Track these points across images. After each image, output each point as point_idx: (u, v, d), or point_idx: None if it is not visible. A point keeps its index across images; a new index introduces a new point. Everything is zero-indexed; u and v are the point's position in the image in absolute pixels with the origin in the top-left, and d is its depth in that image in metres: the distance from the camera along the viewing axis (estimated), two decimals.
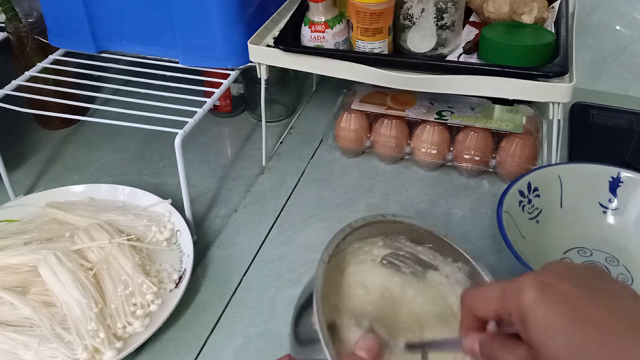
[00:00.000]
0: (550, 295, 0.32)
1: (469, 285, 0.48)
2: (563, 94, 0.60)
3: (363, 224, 0.47)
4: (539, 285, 0.32)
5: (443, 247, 0.49)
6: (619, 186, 0.64)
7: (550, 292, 0.32)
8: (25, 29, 0.78)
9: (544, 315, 0.31)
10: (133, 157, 0.81)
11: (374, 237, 0.49)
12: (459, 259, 0.48)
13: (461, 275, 0.48)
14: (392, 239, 0.50)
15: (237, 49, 0.71)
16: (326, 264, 0.42)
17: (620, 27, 0.87)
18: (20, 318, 0.55)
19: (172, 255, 0.63)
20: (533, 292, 0.32)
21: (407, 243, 0.50)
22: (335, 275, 0.48)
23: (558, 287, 0.32)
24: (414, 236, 0.49)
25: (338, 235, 0.45)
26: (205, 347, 0.56)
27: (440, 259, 0.49)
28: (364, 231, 0.48)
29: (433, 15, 0.65)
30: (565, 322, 0.31)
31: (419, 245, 0.50)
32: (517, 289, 0.33)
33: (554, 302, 0.32)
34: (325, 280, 0.43)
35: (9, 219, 0.66)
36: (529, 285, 0.33)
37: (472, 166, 0.73)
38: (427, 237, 0.49)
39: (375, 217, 0.48)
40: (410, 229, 0.49)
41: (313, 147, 0.82)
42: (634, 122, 0.83)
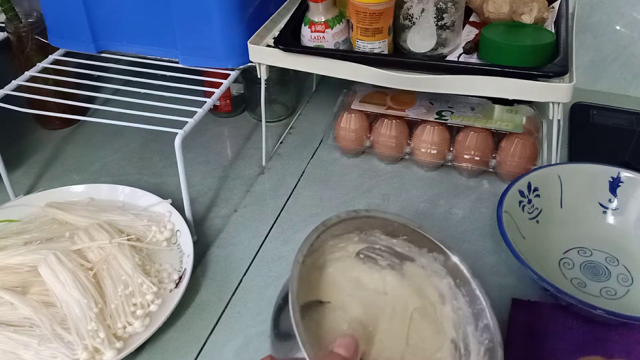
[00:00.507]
0: None
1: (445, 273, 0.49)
2: (563, 94, 0.60)
3: (337, 222, 0.48)
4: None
5: (418, 238, 0.50)
6: (619, 186, 0.64)
7: None
8: (25, 29, 0.78)
9: None
10: (133, 157, 0.81)
11: (349, 233, 0.50)
12: (434, 249, 0.50)
13: (437, 265, 0.50)
14: (367, 233, 0.50)
15: (237, 49, 0.71)
16: (301, 264, 0.43)
17: (620, 27, 0.87)
18: (20, 318, 0.55)
19: (172, 255, 0.63)
20: None
21: (382, 237, 0.51)
22: (314, 273, 0.48)
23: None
24: (388, 229, 0.50)
25: (312, 235, 0.46)
26: (205, 347, 0.56)
27: (415, 250, 0.51)
28: (338, 228, 0.48)
29: (433, 15, 0.65)
30: None
31: (394, 237, 0.51)
32: None
33: None
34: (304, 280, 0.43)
35: (9, 219, 0.66)
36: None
37: (472, 166, 0.73)
38: (401, 230, 0.50)
39: (348, 214, 0.48)
40: (384, 223, 0.50)
41: (313, 147, 0.82)
42: (634, 122, 0.83)
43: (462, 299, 0.48)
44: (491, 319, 0.46)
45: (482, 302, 0.47)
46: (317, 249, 0.48)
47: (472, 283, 0.48)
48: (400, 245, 0.51)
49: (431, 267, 0.50)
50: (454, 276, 0.49)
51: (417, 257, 0.50)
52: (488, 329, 0.45)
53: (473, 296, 0.47)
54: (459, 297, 0.49)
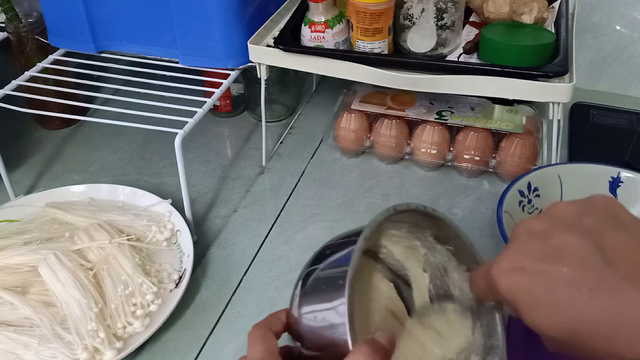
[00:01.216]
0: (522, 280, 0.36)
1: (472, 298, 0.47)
2: (563, 94, 0.60)
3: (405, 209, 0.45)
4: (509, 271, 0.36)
5: (464, 253, 0.48)
6: (619, 186, 0.64)
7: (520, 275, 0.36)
8: (25, 29, 0.78)
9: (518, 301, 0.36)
10: (133, 157, 0.81)
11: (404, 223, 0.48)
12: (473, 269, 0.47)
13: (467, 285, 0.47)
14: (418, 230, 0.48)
15: (237, 49, 0.71)
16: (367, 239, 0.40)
17: (620, 27, 0.87)
18: (20, 318, 0.55)
19: (172, 255, 0.63)
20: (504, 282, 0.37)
21: (430, 238, 0.48)
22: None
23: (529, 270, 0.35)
24: (440, 235, 0.48)
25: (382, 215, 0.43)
26: (205, 347, 0.56)
27: (454, 263, 0.48)
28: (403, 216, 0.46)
29: (433, 15, 0.65)
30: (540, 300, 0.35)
31: (439, 244, 0.48)
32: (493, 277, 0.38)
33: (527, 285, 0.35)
34: None
35: (9, 219, 0.66)
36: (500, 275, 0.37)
37: (472, 166, 0.73)
38: (452, 240, 0.48)
39: (417, 206, 0.45)
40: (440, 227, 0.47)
41: (313, 147, 0.82)
42: (634, 122, 0.83)
43: (479, 329, 0.46)
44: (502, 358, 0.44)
45: (499, 339, 0.45)
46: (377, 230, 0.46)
47: (497, 316, 0.46)
48: (442, 253, 0.48)
49: (461, 285, 0.48)
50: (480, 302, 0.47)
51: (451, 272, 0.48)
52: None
53: (493, 329, 0.45)
54: (477, 325, 0.46)
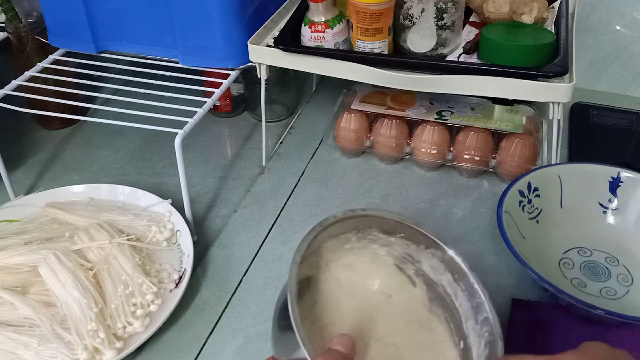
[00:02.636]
0: None
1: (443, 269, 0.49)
2: (563, 94, 0.60)
3: (334, 221, 0.48)
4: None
5: (415, 235, 0.50)
6: (619, 186, 0.64)
7: None
8: (25, 29, 0.78)
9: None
10: (133, 157, 0.81)
11: (347, 233, 0.50)
12: (431, 245, 0.50)
13: (435, 260, 0.50)
14: (365, 232, 0.51)
15: (237, 49, 0.71)
16: (298, 264, 0.43)
17: (620, 27, 0.87)
18: (20, 318, 0.55)
19: (172, 255, 0.63)
20: None
21: (379, 235, 0.51)
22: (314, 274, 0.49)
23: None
24: (385, 228, 0.50)
25: (309, 236, 0.46)
26: (205, 347, 0.56)
27: (413, 247, 0.51)
28: (336, 228, 0.48)
29: (433, 15, 0.65)
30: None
31: (391, 236, 0.51)
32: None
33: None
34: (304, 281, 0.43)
35: (9, 219, 0.66)
36: None
37: (472, 166, 0.73)
38: (398, 228, 0.50)
39: (345, 213, 0.49)
40: (381, 221, 0.50)
41: (313, 147, 0.82)
42: (634, 122, 0.83)
43: (462, 294, 0.49)
44: (490, 312, 0.46)
45: (481, 295, 0.47)
46: (315, 250, 0.48)
47: (470, 277, 0.48)
48: (399, 244, 0.51)
49: (429, 262, 0.50)
50: (452, 271, 0.49)
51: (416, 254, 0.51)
52: (487, 321, 0.46)
53: (472, 290, 0.48)
54: (458, 291, 0.49)
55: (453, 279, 0.49)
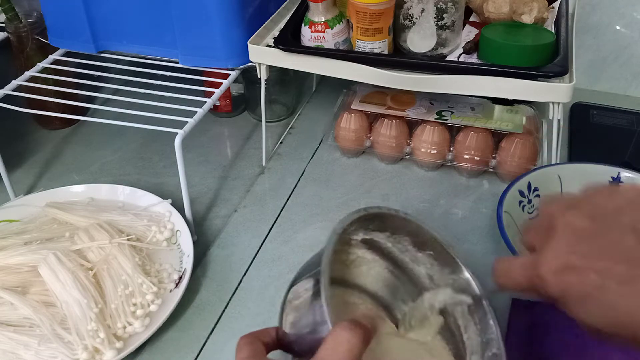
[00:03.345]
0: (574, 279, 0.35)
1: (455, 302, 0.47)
2: (563, 94, 0.60)
3: (377, 213, 0.46)
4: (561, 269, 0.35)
5: (443, 256, 0.48)
6: None
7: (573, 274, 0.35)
8: (25, 29, 0.78)
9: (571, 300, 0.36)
10: (133, 157, 0.81)
11: (381, 232, 0.48)
12: (456, 271, 0.48)
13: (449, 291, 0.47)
14: (397, 238, 0.49)
15: (237, 49, 0.71)
16: (339, 234, 0.41)
17: (620, 27, 0.87)
18: (20, 318, 0.55)
19: (172, 255, 0.63)
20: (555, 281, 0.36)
21: (409, 247, 0.49)
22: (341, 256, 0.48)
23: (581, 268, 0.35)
24: (418, 240, 0.49)
25: (354, 214, 0.44)
26: (205, 347, 0.56)
27: (437, 268, 0.49)
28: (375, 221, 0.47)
29: (433, 15, 0.65)
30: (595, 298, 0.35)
31: (419, 251, 0.49)
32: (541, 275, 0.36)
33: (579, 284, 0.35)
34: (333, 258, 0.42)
35: (9, 219, 0.66)
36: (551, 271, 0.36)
37: (472, 166, 0.73)
38: (430, 244, 0.48)
39: (389, 210, 0.47)
40: (416, 232, 0.48)
41: (313, 147, 0.82)
42: (634, 122, 0.83)
43: (473, 327, 0.47)
44: (500, 348, 0.44)
45: (494, 332, 0.45)
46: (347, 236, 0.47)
47: (488, 313, 0.46)
48: (423, 261, 0.49)
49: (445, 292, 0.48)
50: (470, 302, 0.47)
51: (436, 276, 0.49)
52: (496, 358, 0.44)
53: (485, 325, 0.46)
54: (470, 324, 0.47)
55: (468, 311, 0.47)
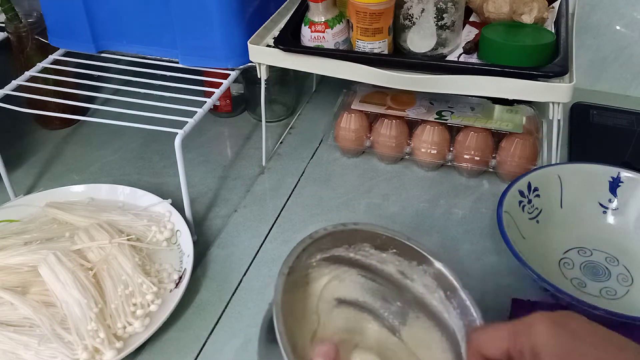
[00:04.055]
0: (562, 330, 0.35)
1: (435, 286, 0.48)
2: (563, 94, 0.60)
3: (324, 234, 0.47)
4: (551, 320, 0.35)
5: (407, 251, 0.49)
6: (619, 186, 0.64)
7: (562, 327, 0.35)
8: (25, 29, 0.78)
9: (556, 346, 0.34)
10: (133, 157, 0.81)
11: (337, 247, 0.49)
12: (423, 261, 0.48)
13: (427, 277, 0.49)
14: (356, 247, 0.49)
15: (237, 49, 0.71)
16: (286, 275, 0.42)
17: (620, 27, 0.87)
18: (20, 318, 0.55)
19: (172, 255, 0.63)
20: (545, 327, 0.35)
21: (371, 250, 0.50)
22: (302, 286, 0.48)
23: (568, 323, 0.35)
24: (377, 243, 0.49)
25: (298, 247, 0.45)
26: (205, 347, 0.56)
27: (405, 263, 0.49)
28: (326, 241, 0.47)
29: (433, 15, 0.65)
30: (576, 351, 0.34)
31: (383, 252, 0.50)
32: (528, 326, 0.36)
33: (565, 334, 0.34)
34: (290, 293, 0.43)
35: (9, 219, 0.66)
36: (541, 321, 0.35)
37: (472, 166, 0.73)
38: (390, 243, 0.49)
39: (336, 227, 0.47)
40: (372, 236, 0.49)
41: (313, 147, 0.82)
42: (634, 122, 0.83)
43: (454, 312, 0.47)
44: None
45: (473, 313, 0.46)
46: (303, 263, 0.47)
47: (463, 294, 0.47)
48: (390, 259, 0.50)
49: (421, 280, 0.49)
50: (445, 288, 0.48)
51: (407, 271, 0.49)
52: None
53: (464, 307, 0.46)
54: (450, 310, 0.48)
55: (445, 296, 0.48)
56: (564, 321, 0.35)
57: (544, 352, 0.34)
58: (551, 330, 0.35)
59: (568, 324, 0.35)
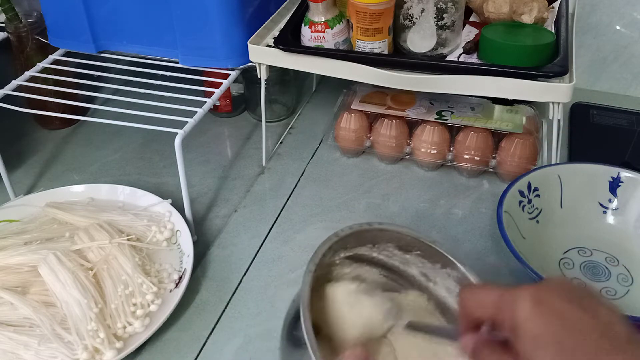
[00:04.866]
0: (543, 309, 0.33)
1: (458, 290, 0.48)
2: (563, 94, 0.60)
3: (349, 233, 0.46)
4: (534, 299, 0.34)
5: (431, 253, 0.48)
6: (619, 186, 0.64)
7: (543, 306, 0.33)
8: (25, 29, 0.78)
9: (534, 328, 0.33)
10: (133, 157, 0.81)
11: (362, 246, 0.49)
12: (448, 264, 0.48)
13: (450, 281, 0.48)
14: (380, 247, 0.49)
15: (237, 49, 0.71)
16: (313, 273, 0.42)
17: (620, 27, 0.87)
18: (20, 318, 0.55)
19: (172, 255, 0.63)
20: (527, 305, 0.34)
21: (395, 251, 0.49)
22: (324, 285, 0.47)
23: (551, 302, 0.33)
24: (401, 243, 0.49)
25: (324, 245, 0.44)
26: (205, 347, 0.56)
27: (428, 265, 0.49)
28: (351, 240, 0.47)
29: (433, 15, 0.65)
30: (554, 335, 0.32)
31: (407, 253, 0.49)
32: (512, 299, 0.34)
33: (546, 315, 0.33)
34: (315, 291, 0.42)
35: (9, 219, 0.66)
36: (524, 298, 0.34)
37: (472, 166, 0.73)
38: (414, 244, 0.49)
39: (361, 226, 0.47)
40: (397, 237, 0.49)
41: (313, 147, 0.82)
42: (634, 122, 0.83)
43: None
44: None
45: None
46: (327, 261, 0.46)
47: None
48: (414, 261, 0.49)
49: (444, 283, 0.49)
50: None
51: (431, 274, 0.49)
52: None
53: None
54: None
55: None
56: (548, 300, 0.34)
57: (522, 330, 0.33)
58: (533, 310, 0.33)
59: (552, 303, 0.33)
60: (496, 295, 0.36)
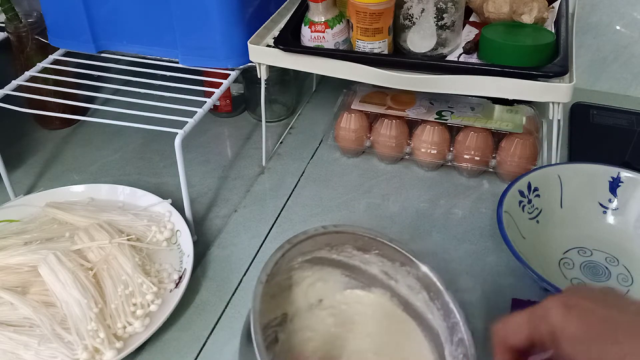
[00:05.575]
0: (574, 312, 0.35)
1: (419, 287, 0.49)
2: (563, 94, 0.60)
3: (304, 238, 0.47)
4: (563, 304, 0.36)
5: (390, 252, 0.49)
6: (619, 186, 0.64)
7: (574, 309, 0.35)
8: (25, 29, 0.78)
9: (570, 328, 0.35)
10: (133, 157, 0.81)
11: (319, 250, 0.49)
12: (406, 262, 0.49)
13: (411, 278, 0.49)
14: (338, 249, 0.50)
15: (237, 49, 0.71)
16: (264, 283, 0.42)
17: (620, 27, 0.87)
18: (20, 318, 0.55)
19: (172, 255, 0.63)
20: (560, 311, 0.36)
21: (353, 252, 0.50)
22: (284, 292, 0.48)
23: (580, 304, 0.36)
24: (359, 244, 0.49)
25: (277, 253, 0.44)
26: (205, 347, 0.56)
27: (388, 264, 0.50)
28: (307, 245, 0.47)
29: (433, 15, 0.65)
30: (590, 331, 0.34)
31: (365, 253, 0.50)
32: (544, 312, 0.36)
33: (578, 316, 0.35)
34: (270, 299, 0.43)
35: (9, 219, 0.66)
36: (555, 306, 0.36)
37: (472, 166, 0.73)
38: (372, 244, 0.49)
39: (316, 230, 0.47)
40: (354, 238, 0.49)
41: (313, 147, 0.82)
42: (634, 122, 0.83)
43: (437, 313, 0.47)
44: (465, 332, 0.44)
45: (457, 315, 0.45)
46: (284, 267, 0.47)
47: (446, 295, 0.47)
48: (374, 260, 0.50)
49: (405, 281, 0.49)
50: (428, 289, 0.48)
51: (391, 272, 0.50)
52: (462, 342, 0.44)
53: (447, 309, 0.46)
54: (434, 311, 0.48)
55: (429, 297, 0.48)
56: (576, 303, 0.36)
57: (560, 333, 0.35)
58: (565, 314, 0.35)
59: (581, 305, 0.35)
60: (526, 315, 0.38)
